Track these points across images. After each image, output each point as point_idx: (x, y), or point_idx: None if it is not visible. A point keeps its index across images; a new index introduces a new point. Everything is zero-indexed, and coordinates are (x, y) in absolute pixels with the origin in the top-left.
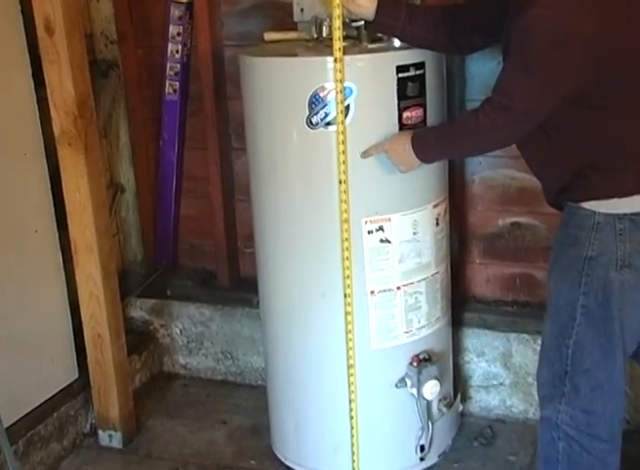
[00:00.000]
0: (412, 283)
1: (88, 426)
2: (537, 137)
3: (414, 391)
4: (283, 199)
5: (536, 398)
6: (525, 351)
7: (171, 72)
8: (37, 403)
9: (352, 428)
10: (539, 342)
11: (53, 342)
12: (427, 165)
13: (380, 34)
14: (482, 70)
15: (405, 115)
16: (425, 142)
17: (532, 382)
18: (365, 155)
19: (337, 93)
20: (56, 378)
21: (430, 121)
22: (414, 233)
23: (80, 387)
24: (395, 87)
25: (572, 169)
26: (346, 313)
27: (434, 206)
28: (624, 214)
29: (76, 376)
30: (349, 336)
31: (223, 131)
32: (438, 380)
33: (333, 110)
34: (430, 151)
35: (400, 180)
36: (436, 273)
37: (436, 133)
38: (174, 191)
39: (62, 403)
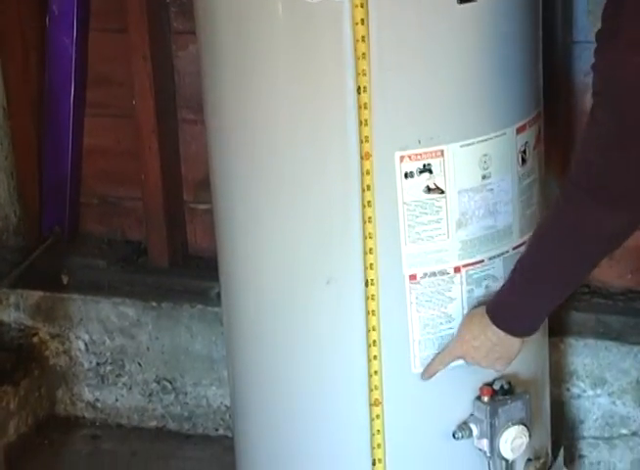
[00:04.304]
0: (481, 262)
1: None
2: None
3: (484, 444)
4: (261, 118)
5: None
6: None
7: None
8: None
9: None
10: None
11: None
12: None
13: None
14: None
15: None
16: (513, 307)
17: None
18: (427, 374)
19: None
20: None
21: None
22: (484, 177)
23: None
24: None
25: None
26: (368, 313)
27: (519, 129)
28: None
29: None
30: (373, 352)
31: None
32: (526, 426)
33: None
34: (529, 313)
35: (459, 86)
36: (522, 245)
37: (522, 279)
38: (72, 105)
39: None
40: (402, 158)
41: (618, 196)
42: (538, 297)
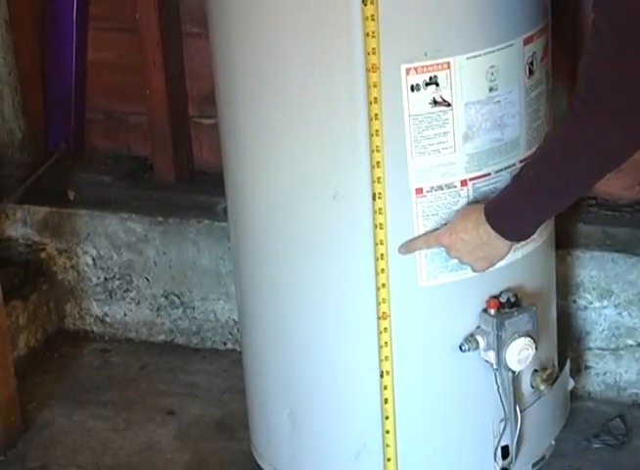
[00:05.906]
0: (488, 175)
1: None
2: None
3: (491, 356)
4: (266, 31)
5: None
6: None
7: None
8: None
9: (386, 418)
10: None
11: None
12: None
13: None
14: None
15: None
16: (510, 211)
17: None
18: (405, 250)
19: None
20: None
21: None
22: (491, 89)
23: None
24: None
25: None
26: (376, 227)
27: (526, 40)
28: None
29: None
30: (381, 265)
31: None
32: (532, 338)
33: None
34: (525, 220)
35: None
36: (529, 158)
37: (524, 186)
38: (75, 19)
39: None
40: (408, 70)
41: (619, 111)
42: (536, 206)
